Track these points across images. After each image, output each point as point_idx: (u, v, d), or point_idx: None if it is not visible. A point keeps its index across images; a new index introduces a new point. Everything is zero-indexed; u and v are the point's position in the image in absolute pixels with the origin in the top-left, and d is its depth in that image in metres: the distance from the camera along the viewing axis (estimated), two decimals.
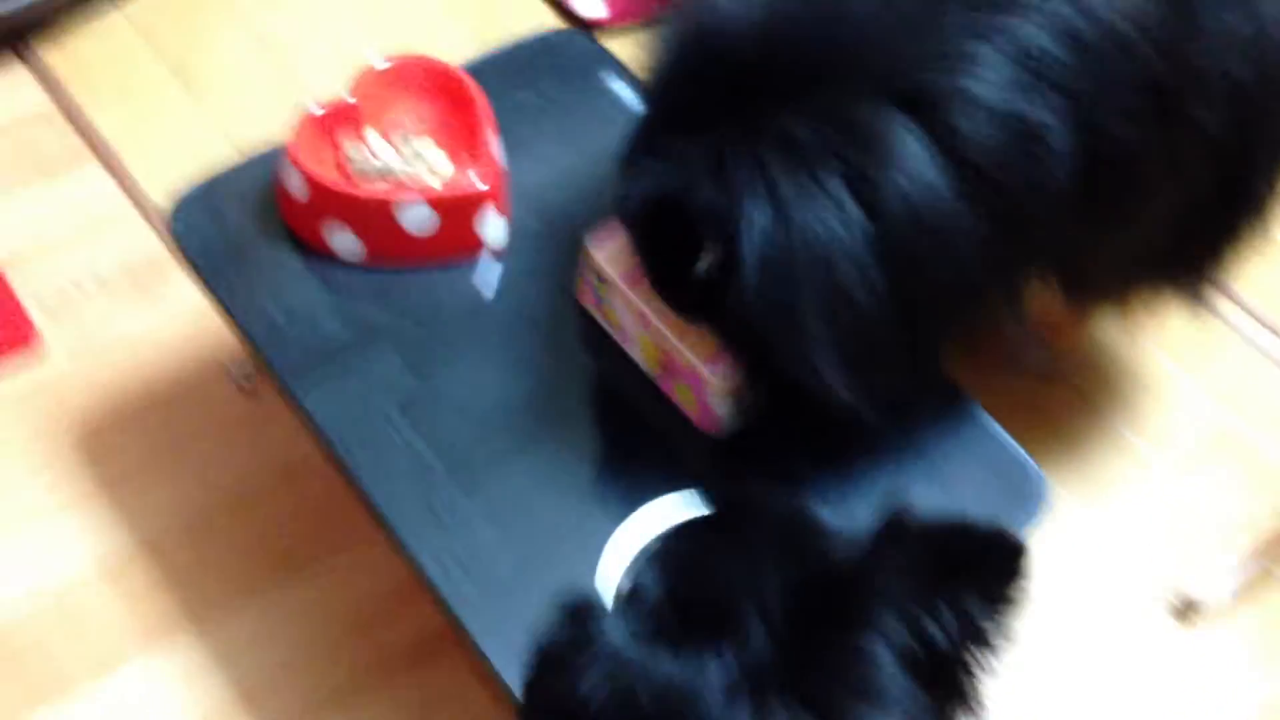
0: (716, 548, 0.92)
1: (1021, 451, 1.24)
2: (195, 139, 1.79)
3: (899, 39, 1.07)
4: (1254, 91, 1.18)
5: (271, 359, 1.31)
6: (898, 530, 0.88)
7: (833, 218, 1.04)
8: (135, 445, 1.54)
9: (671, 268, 1.14)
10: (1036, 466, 1.23)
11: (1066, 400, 1.62)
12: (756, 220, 1.03)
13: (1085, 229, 1.16)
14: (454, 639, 1.38)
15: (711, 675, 0.82)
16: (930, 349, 1.19)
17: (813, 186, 1.03)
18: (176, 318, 1.64)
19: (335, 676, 1.39)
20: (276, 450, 1.53)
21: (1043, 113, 1.05)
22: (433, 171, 1.40)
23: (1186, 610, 1.48)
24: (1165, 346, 1.65)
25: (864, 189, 1.04)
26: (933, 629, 0.85)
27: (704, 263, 1.06)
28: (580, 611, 0.88)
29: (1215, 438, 1.60)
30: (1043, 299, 1.37)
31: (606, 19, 1.92)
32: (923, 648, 0.85)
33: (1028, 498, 1.21)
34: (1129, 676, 1.44)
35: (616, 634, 0.85)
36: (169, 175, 1.72)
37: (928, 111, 1.06)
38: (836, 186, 1.03)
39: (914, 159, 1.04)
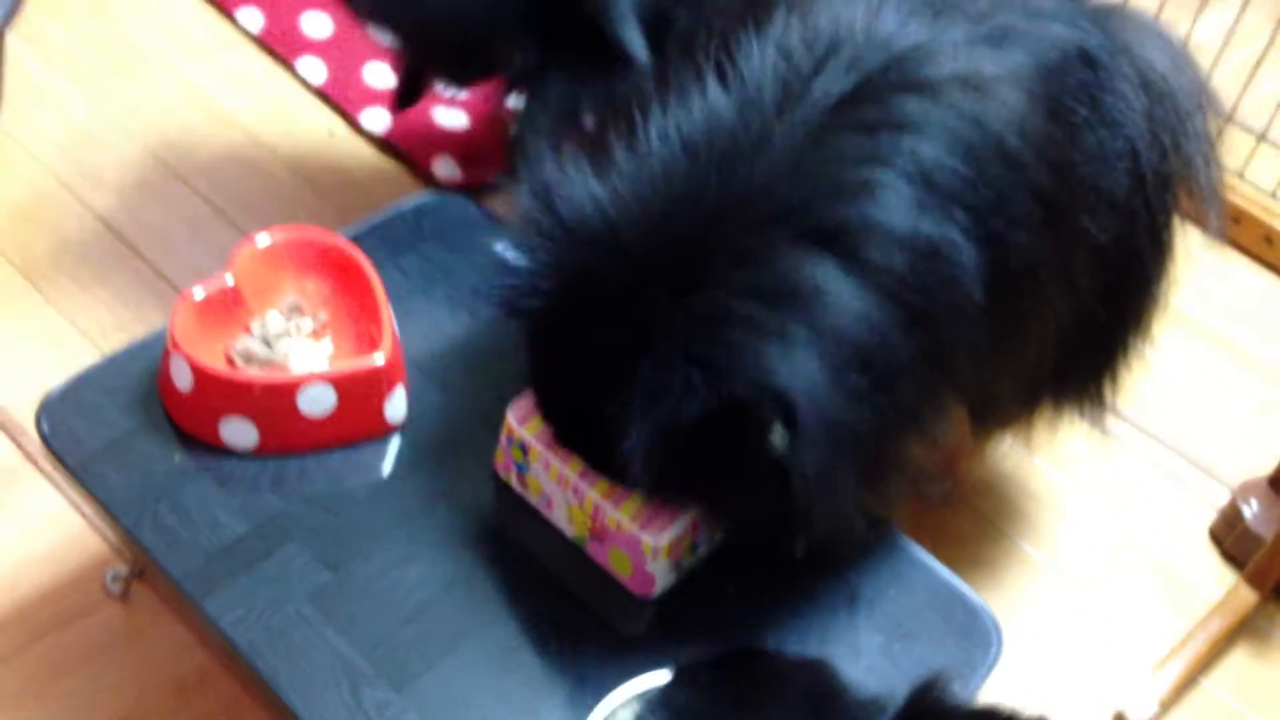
0: (727, 695, 0.87)
1: (971, 594, 1.23)
2: (45, 337, 1.69)
3: (795, 180, 1.07)
4: (1130, 204, 1.22)
5: (165, 563, 1.22)
6: (924, 703, 0.85)
7: (820, 370, 1.04)
8: (4, 676, 1.39)
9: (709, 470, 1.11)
10: (987, 609, 1.21)
11: (970, 523, 1.63)
12: (808, 401, 1.03)
13: (995, 347, 1.17)
14: None
15: None
16: (891, 474, 1.18)
17: (793, 348, 1.03)
18: (38, 531, 1.52)
19: None
20: (163, 664, 1.41)
21: (947, 229, 1.07)
22: (315, 348, 1.34)
23: None
24: (1054, 461, 1.68)
25: (819, 340, 1.04)
26: None
27: (778, 440, 1.05)
28: None
29: (1119, 548, 1.63)
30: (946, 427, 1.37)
31: (461, 179, 1.90)
32: None
33: (980, 642, 1.19)
34: None
35: None
36: (17, 378, 1.63)
37: (841, 247, 1.06)
38: (804, 338, 1.03)
39: (845, 294, 1.04)
